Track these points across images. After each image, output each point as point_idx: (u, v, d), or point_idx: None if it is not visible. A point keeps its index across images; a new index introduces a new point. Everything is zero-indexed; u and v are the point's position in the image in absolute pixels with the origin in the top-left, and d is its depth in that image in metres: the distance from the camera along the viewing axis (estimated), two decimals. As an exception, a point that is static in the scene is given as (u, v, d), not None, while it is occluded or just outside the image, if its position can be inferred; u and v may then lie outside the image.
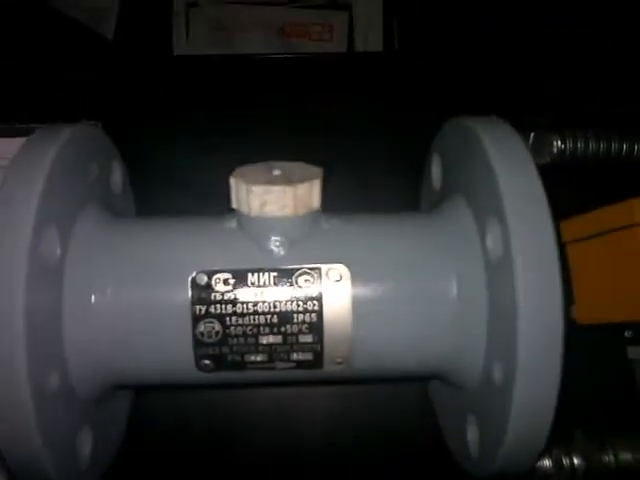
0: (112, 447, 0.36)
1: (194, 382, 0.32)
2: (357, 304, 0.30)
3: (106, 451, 0.35)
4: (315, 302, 0.30)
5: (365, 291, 0.31)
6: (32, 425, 0.26)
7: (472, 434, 0.32)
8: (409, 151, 0.46)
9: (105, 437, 0.35)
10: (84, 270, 0.30)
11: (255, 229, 0.31)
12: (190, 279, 0.30)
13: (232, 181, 0.31)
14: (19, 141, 0.33)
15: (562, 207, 0.43)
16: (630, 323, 0.41)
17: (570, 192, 0.47)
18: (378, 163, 0.49)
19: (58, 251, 0.29)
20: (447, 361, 0.32)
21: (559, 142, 0.44)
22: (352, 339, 0.31)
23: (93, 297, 0.30)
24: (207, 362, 0.31)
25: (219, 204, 0.33)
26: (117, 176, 0.38)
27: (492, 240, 0.29)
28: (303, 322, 0.30)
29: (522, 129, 0.33)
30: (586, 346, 0.44)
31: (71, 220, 0.31)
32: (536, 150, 0.44)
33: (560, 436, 0.41)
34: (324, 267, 0.31)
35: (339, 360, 0.31)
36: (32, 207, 0.26)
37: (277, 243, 0.31)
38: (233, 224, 0.32)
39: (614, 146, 0.44)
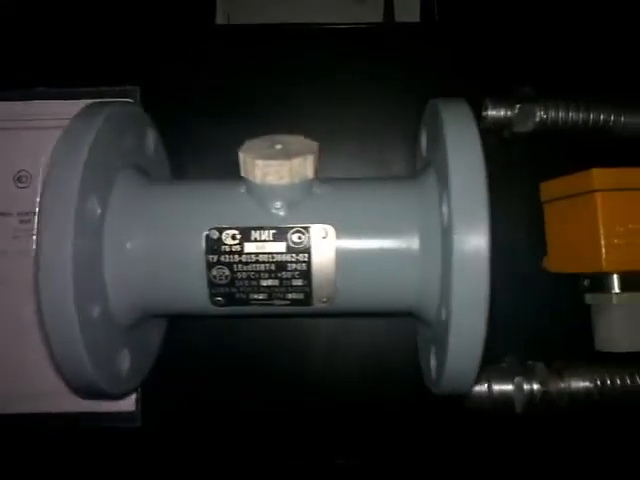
0: (147, 363, 0.45)
1: (210, 313, 0.40)
2: (340, 256, 0.38)
3: (142, 366, 0.44)
4: (305, 254, 0.37)
5: (346, 245, 0.38)
6: (80, 345, 0.34)
7: (433, 361, 0.39)
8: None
9: (141, 355, 0.44)
10: (120, 224, 0.38)
11: (259, 194, 0.38)
12: (204, 234, 0.38)
13: (240, 154, 0.37)
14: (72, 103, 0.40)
15: (545, 170, 0.50)
16: (587, 274, 0.47)
17: (554, 157, 0.52)
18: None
19: (99, 210, 0.36)
20: (413, 302, 0.39)
21: (542, 112, 0.49)
22: (335, 283, 0.38)
23: (128, 245, 0.38)
24: (219, 299, 0.39)
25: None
26: (150, 143, 0.45)
27: (445, 208, 0.35)
28: (295, 270, 0.38)
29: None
30: (556, 292, 0.51)
31: (109, 184, 0.38)
32: (521, 119, 0.49)
33: (524, 366, 0.48)
34: (313, 226, 0.38)
35: (325, 299, 0.39)
36: (78, 175, 0.34)
37: (276, 206, 0.38)
38: (242, 189, 0.39)
39: (594, 116, 0.49)
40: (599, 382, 0.47)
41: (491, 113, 0.49)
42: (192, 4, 0.57)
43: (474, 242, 0.33)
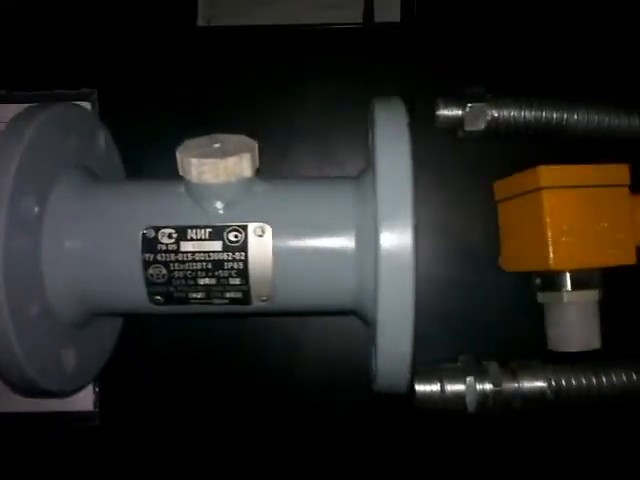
0: (99, 362, 0.46)
1: (151, 312, 0.40)
2: (277, 255, 0.38)
3: (92, 364, 0.45)
4: (242, 253, 0.38)
5: (284, 244, 0.38)
6: (14, 343, 0.34)
7: (373, 360, 0.39)
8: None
9: (90, 353, 0.44)
10: (59, 223, 0.38)
11: (196, 193, 0.38)
12: (141, 233, 0.38)
13: (177, 154, 0.38)
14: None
15: (501, 169, 0.50)
16: (539, 272, 0.47)
17: (510, 155, 0.51)
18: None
19: (36, 209, 0.37)
20: (351, 301, 0.39)
21: (492, 111, 0.49)
22: (273, 282, 0.38)
23: (67, 243, 0.38)
24: (158, 297, 0.39)
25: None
26: (101, 144, 0.46)
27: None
28: (232, 268, 0.38)
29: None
30: (512, 291, 0.51)
31: (50, 184, 0.38)
32: (472, 118, 0.49)
33: (478, 366, 0.48)
34: (250, 225, 0.38)
35: (264, 298, 0.39)
36: (9, 177, 0.34)
37: (214, 205, 0.38)
38: (182, 189, 0.39)
39: (547, 114, 0.49)
40: (553, 382, 0.47)
41: (443, 112, 0.49)
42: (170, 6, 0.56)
43: (398, 242, 0.33)
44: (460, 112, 0.49)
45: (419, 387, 0.47)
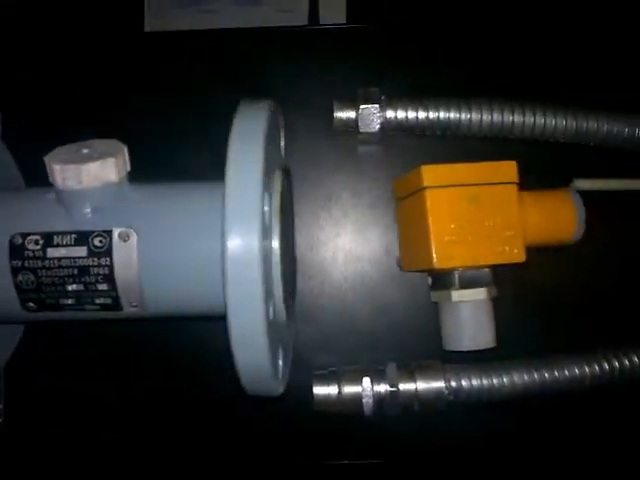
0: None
1: (30, 319, 0.41)
2: (142, 260, 0.38)
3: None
4: (107, 258, 0.38)
5: (149, 249, 0.38)
6: None
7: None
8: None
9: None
10: None
11: (64, 199, 0.39)
12: (8, 239, 0.38)
13: (45, 159, 0.38)
14: None
15: (402, 169, 0.49)
16: (430, 272, 0.46)
17: (406, 155, 0.51)
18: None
19: None
20: (219, 306, 0.39)
21: (385, 113, 0.49)
22: (141, 288, 0.38)
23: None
24: (30, 304, 0.39)
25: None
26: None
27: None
28: (98, 274, 0.38)
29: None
30: (412, 291, 0.50)
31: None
32: (365, 121, 0.49)
33: (377, 368, 0.48)
34: (116, 230, 0.38)
35: (134, 304, 0.39)
36: None
37: (81, 210, 0.39)
38: (52, 195, 0.40)
39: (441, 116, 0.49)
40: (452, 383, 0.47)
41: (338, 115, 0.49)
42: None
43: (244, 247, 0.33)
44: (354, 114, 0.49)
45: (317, 389, 0.47)
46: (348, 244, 0.52)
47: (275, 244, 0.37)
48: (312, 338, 0.51)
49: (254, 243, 0.33)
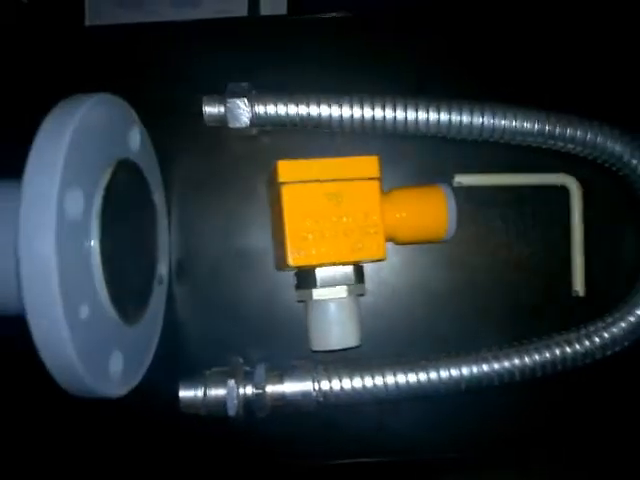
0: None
1: None
2: None
3: None
4: None
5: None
6: None
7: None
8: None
9: None
10: None
11: None
12: None
13: None
14: None
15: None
16: (292, 270, 0.45)
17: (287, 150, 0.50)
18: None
19: None
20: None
21: (255, 108, 0.48)
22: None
23: None
24: None
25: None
26: None
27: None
28: None
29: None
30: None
31: None
32: (233, 115, 0.48)
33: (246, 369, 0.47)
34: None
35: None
36: None
37: None
38: None
39: (310, 111, 0.48)
40: (320, 384, 0.46)
41: (208, 110, 0.48)
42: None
43: (36, 248, 0.32)
44: (223, 109, 0.48)
45: (182, 393, 0.46)
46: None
47: (94, 244, 0.36)
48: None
49: (48, 244, 0.32)
